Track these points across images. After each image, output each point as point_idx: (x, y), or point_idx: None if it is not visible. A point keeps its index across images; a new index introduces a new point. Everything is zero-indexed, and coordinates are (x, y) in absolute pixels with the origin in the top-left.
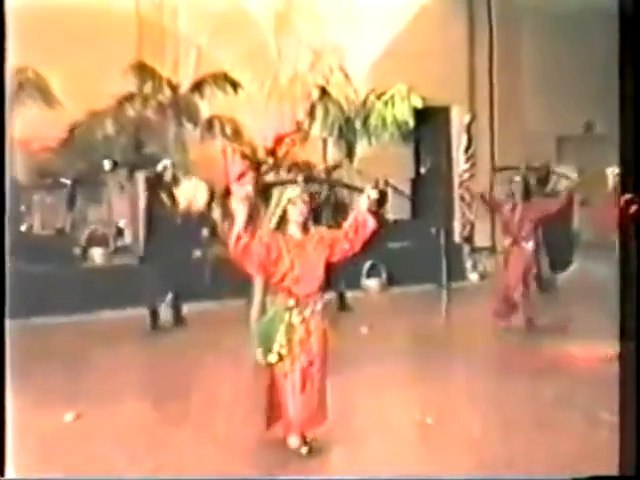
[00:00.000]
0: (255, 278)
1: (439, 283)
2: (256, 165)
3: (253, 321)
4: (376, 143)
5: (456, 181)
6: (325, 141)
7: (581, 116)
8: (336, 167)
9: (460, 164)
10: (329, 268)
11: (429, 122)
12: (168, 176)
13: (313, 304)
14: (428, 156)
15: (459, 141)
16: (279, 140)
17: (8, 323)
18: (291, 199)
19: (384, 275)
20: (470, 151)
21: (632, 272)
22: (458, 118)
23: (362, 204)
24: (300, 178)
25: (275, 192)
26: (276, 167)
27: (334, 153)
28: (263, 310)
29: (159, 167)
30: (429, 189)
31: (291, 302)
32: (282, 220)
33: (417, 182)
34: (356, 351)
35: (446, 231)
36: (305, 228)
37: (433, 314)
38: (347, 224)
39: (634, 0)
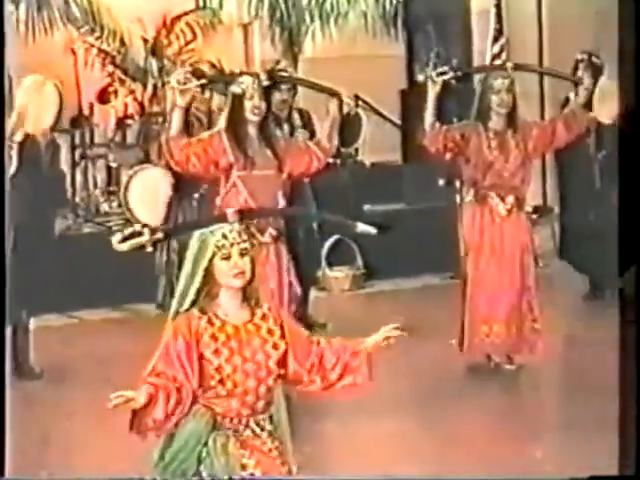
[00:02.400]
0: None
1: (452, 273)
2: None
3: None
4: (338, 32)
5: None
6: (247, 28)
7: None
8: (272, 72)
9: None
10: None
11: None
12: None
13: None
14: (430, 52)
15: (483, 26)
16: (168, 26)
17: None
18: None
19: (359, 261)
20: (501, 41)
21: None
22: None
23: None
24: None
25: None
26: (162, 75)
27: (265, 49)
28: None
29: None
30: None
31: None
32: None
33: (411, 98)
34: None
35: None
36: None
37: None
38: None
39: None
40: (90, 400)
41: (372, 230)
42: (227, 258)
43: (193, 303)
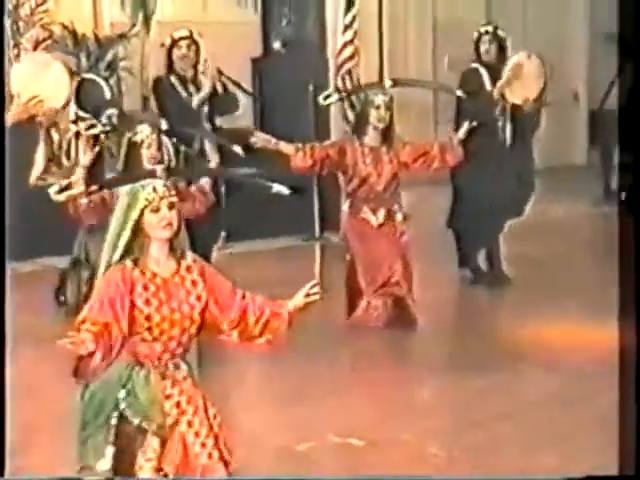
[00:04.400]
0: None
1: (309, 234)
2: None
3: None
4: None
5: (331, 63)
6: None
7: None
8: (122, 36)
9: (338, 34)
10: None
11: None
12: None
13: None
14: (284, 20)
15: None
16: None
17: None
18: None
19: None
20: (352, 12)
21: None
22: None
23: None
24: None
25: None
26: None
27: (113, 12)
28: None
29: None
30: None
31: None
32: None
33: (264, 65)
34: None
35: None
36: None
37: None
38: None
39: None
40: None
41: (286, 191)
42: (156, 211)
43: (123, 256)
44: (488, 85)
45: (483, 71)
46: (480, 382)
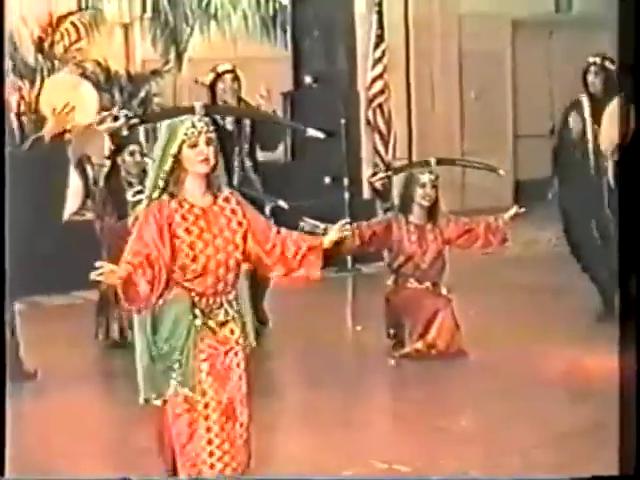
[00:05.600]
0: None
1: (341, 267)
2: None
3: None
4: (224, 32)
5: (363, 97)
6: (127, 28)
7: None
8: (155, 73)
9: (368, 69)
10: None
11: None
12: None
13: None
14: (316, 56)
15: (367, 30)
16: (54, 25)
17: None
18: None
19: None
20: (382, 47)
21: None
22: None
23: None
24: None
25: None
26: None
27: (146, 49)
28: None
29: None
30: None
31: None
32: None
33: (297, 99)
34: None
35: (350, 180)
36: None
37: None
38: None
39: None
40: None
41: (320, 135)
42: (194, 146)
43: (163, 190)
44: (589, 121)
45: (586, 104)
46: (515, 409)
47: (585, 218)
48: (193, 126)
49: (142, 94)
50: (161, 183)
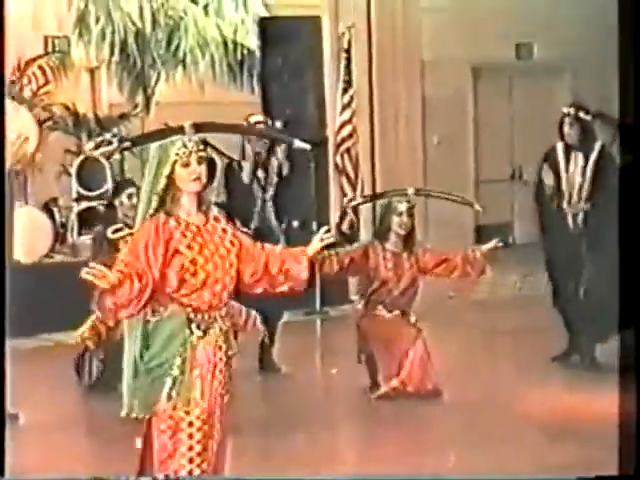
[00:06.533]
0: None
1: (310, 309)
2: None
3: None
4: (191, 76)
5: (331, 141)
6: (94, 72)
7: None
8: (123, 116)
9: (337, 114)
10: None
11: (285, 42)
12: None
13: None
14: (284, 100)
15: (335, 73)
16: (22, 69)
17: None
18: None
19: None
20: (350, 92)
21: None
22: (333, 32)
23: None
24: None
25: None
26: None
27: (112, 93)
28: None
29: None
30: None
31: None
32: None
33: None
34: None
35: (318, 224)
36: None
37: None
38: None
39: None
40: None
41: (307, 146)
42: (186, 165)
43: (157, 209)
44: (563, 175)
45: (561, 156)
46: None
47: (566, 267)
48: (184, 146)
49: (110, 137)
50: (155, 203)
